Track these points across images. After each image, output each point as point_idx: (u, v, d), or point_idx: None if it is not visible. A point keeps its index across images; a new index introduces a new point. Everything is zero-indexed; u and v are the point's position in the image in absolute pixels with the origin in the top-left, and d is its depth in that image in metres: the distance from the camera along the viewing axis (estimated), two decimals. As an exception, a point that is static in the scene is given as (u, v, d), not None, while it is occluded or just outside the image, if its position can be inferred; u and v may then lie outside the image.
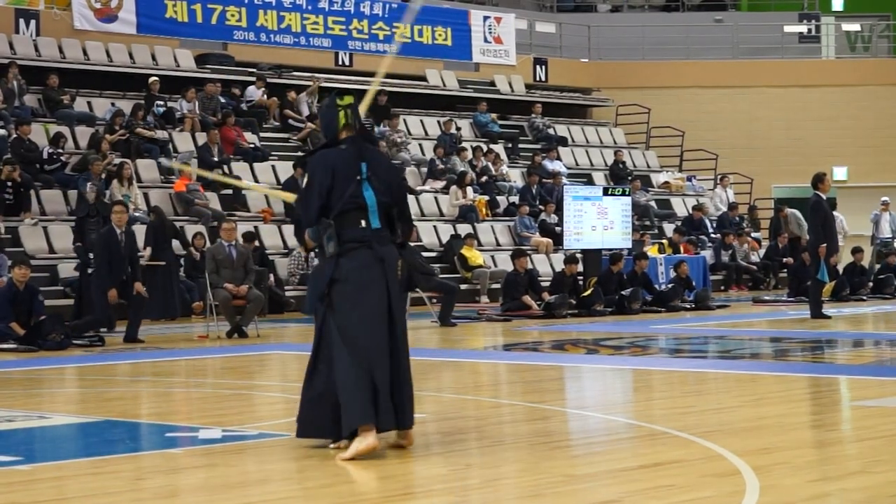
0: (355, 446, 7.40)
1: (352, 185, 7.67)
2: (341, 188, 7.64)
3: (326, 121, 8.00)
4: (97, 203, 19.72)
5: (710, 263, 27.05)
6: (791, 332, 17.38)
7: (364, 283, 7.59)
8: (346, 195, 7.64)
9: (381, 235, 7.71)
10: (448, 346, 16.09)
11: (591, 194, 23.31)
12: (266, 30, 29.32)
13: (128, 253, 16.44)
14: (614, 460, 7.48)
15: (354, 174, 7.69)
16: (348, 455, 7.38)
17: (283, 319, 20.68)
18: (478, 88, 32.73)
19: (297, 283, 22.15)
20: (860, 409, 9.52)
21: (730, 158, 34.17)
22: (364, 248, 7.64)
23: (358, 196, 7.66)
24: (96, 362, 14.17)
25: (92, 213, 19.42)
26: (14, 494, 6.62)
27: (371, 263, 7.62)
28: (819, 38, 37.72)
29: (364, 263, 7.61)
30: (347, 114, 7.84)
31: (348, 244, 7.64)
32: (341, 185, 7.64)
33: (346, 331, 7.54)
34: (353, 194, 7.66)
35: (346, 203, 7.64)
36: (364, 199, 7.67)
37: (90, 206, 19.52)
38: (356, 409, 7.43)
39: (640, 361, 13.56)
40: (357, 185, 7.68)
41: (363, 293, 7.57)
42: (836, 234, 19.03)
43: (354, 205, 7.65)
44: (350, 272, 7.60)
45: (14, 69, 24.17)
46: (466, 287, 23.89)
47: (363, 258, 7.62)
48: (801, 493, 6.36)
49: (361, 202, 7.67)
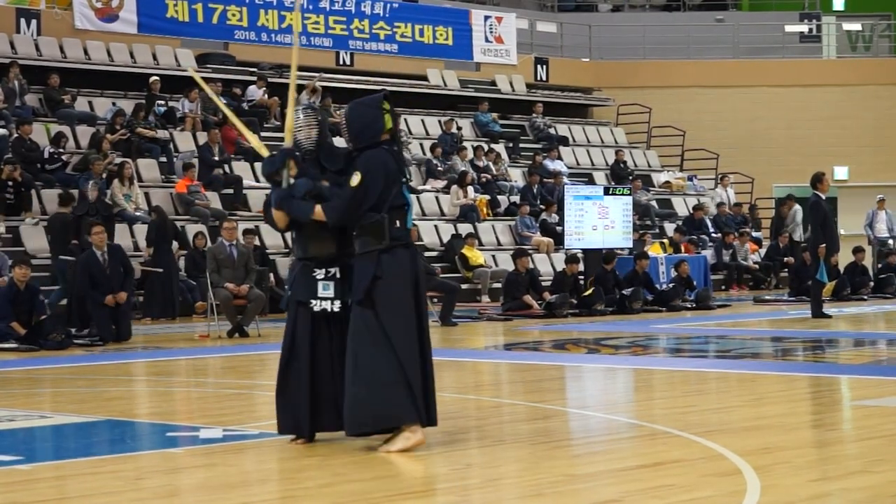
0: (403, 443, 7.65)
1: (397, 185, 7.85)
2: (390, 189, 7.81)
3: (368, 120, 7.96)
4: (98, 202, 19.71)
5: (711, 263, 27.04)
6: (792, 331, 17.38)
7: (400, 283, 7.75)
8: (391, 195, 7.81)
9: (410, 236, 7.96)
10: (449, 345, 16.09)
11: (591, 194, 23.31)
12: (267, 29, 29.32)
13: (114, 271, 16.46)
14: (615, 460, 7.48)
15: (400, 175, 7.90)
16: (395, 448, 7.64)
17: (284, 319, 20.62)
18: (479, 88, 32.73)
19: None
20: (861, 408, 9.51)
21: (731, 158, 34.15)
22: (402, 247, 7.83)
23: (400, 197, 7.86)
24: (97, 362, 14.17)
25: (91, 211, 19.42)
26: (15, 494, 6.62)
27: (409, 262, 7.82)
28: (820, 38, 37.71)
29: (403, 262, 7.80)
30: (392, 118, 7.97)
31: (392, 242, 7.78)
32: (391, 185, 7.82)
33: (388, 329, 7.69)
34: (399, 193, 7.85)
35: (393, 201, 7.81)
36: (406, 199, 7.90)
37: (90, 205, 19.52)
38: (401, 408, 7.64)
39: (640, 361, 13.55)
40: (401, 186, 7.88)
41: (404, 292, 7.75)
42: (835, 234, 18.99)
43: (397, 204, 7.82)
44: (390, 270, 7.74)
45: (15, 69, 24.17)
46: (467, 287, 23.89)
47: (402, 256, 7.81)
48: (802, 493, 6.36)
49: (403, 202, 7.86)
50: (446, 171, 27.91)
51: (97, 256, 16.47)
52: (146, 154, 24.29)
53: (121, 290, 16.41)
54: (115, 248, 16.90)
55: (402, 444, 7.65)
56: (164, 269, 19.91)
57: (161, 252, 20.16)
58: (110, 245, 16.81)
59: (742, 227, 29.62)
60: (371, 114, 7.95)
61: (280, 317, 20.94)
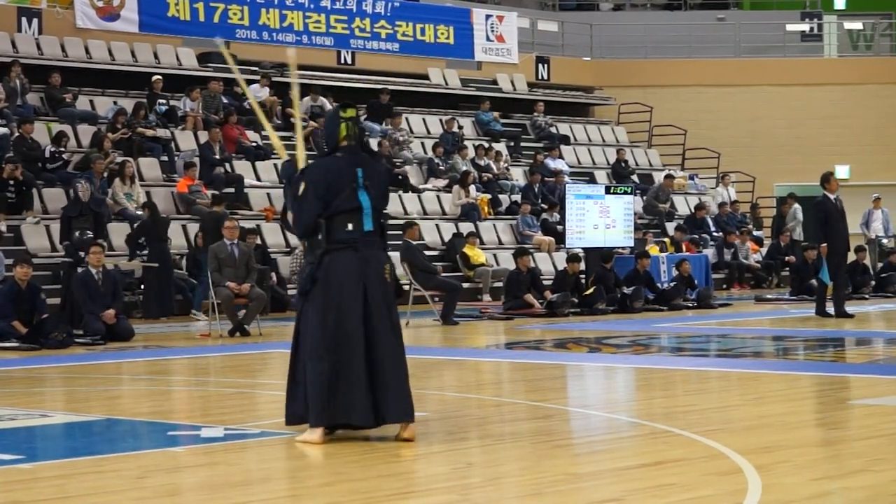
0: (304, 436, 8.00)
1: (346, 190, 8.04)
2: (336, 194, 8.03)
3: (329, 130, 8.34)
4: (90, 202, 19.70)
5: (713, 262, 27.04)
6: (793, 330, 17.38)
7: (342, 283, 7.97)
8: (339, 200, 8.02)
9: (369, 239, 8.08)
10: (450, 344, 16.10)
11: (593, 193, 23.31)
12: (268, 28, 29.32)
13: (109, 290, 16.58)
14: (616, 459, 7.48)
15: (350, 180, 8.07)
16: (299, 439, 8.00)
17: (284, 318, 20.65)
18: (480, 87, 32.72)
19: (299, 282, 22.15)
20: (862, 407, 9.51)
21: (732, 157, 34.16)
22: (349, 249, 8.03)
23: (352, 200, 8.04)
24: (98, 361, 14.18)
25: (84, 211, 19.42)
26: (16, 493, 6.63)
27: (352, 264, 8.01)
28: (821, 37, 37.71)
29: (345, 264, 8.00)
30: (349, 125, 8.20)
31: (334, 245, 8.04)
32: (336, 191, 8.03)
33: (319, 328, 7.97)
34: (346, 199, 8.03)
35: (338, 207, 8.02)
36: (359, 202, 8.05)
37: (82, 205, 19.51)
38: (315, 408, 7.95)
39: (641, 360, 13.55)
40: (352, 190, 8.05)
41: (338, 293, 7.96)
42: (841, 233, 18.88)
43: (346, 208, 8.03)
44: (330, 271, 8.00)
45: (16, 68, 24.17)
46: (468, 286, 23.88)
47: (345, 259, 8.01)
48: (803, 492, 6.36)
49: (356, 205, 8.04)
50: (448, 171, 27.91)
51: (93, 274, 16.64)
52: (147, 153, 24.29)
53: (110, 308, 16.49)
54: (109, 272, 17.04)
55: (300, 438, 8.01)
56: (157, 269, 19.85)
57: (155, 250, 20.13)
58: (106, 269, 16.94)
59: (742, 226, 29.63)
60: (331, 123, 8.30)
61: (281, 315, 20.97)
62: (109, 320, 16.38)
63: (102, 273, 16.74)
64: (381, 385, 7.96)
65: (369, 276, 8.01)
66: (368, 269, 8.02)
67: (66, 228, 19.47)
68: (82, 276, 16.85)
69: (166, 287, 20.16)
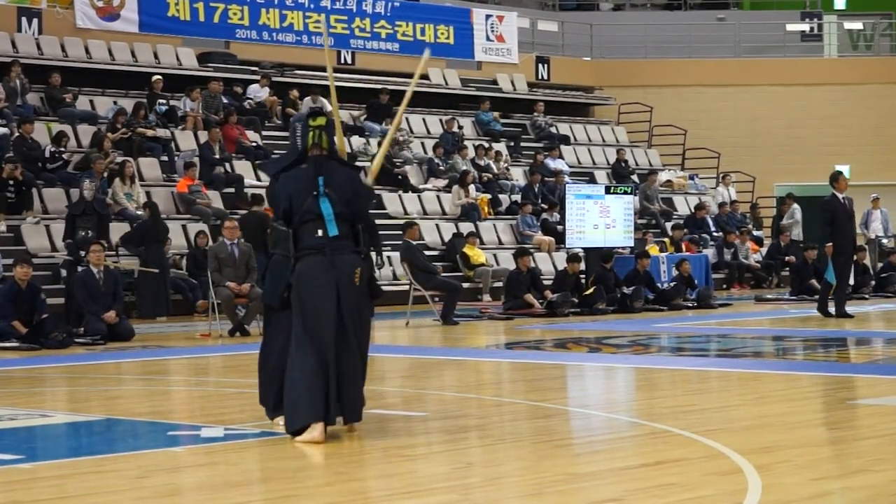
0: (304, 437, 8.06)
1: (308, 199, 8.35)
2: (299, 204, 8.36)
3: (300, 138, 8.66)
4: (94, 201, 19.71)
5: (713, 262, 27.04)
6: (793, 330, 17.38)
7: (313, 287, 8.25)
8: (302, 209, 8.34)
9: (337, 244, 8.33)
10: (450, 344, 16.10)
11: (593, 193, 23.31)
12: (268, 28, 29.32)
13: (110, 290, 16.59)
14: (616, 459, 7.48)
15: (311, 189, 8.37)
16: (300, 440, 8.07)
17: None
18: (480, 87, 32.72)
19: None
20: (862, 407, 9.51)
21: (732, 157, 34.16)
22: (318, 254, 8.30)
23: (315, 209, 8.33)
24: (98, 361, 14.18)
25: (88, 210, 19.44)
26: (16, 493, 6.63)
27: (321, 268, 8.28)
28: (821, 37, 37.71)
29: (315, 268, 8.28)
30: (316, 134, 8.48)
31: (304, 251, 8.34)
32: (299, 201, 8.36)
33: (298, 331, 8.24)
34: (308, 208, 8.34)
35: (303, 216, 8.35)
36: (320, 210, 8.33)
37: (86, 204, 19.53)
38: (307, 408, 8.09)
39: (642, 360, 13.55)
40: (314, 199, 8.35)
41: (312, 296, 8.24)
42: (848, 234, 18.78)
43: (311, 216, 8.34)
44: (302, 276, 8.30)
45: (16, 68, 24.17)
46: (468, 286, 23.88)
47: (314, 263, 8.29)
48: (803, 492, 6.36)
49: (318, 213, 8.33)
50: (448, 171, 27.91)
51: (94, 274, 16.63)
52: (147, 153, 24.29)
53: (111, 309, 16.48)
54: (110, 271, 17.01)
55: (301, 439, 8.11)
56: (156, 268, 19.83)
57: (153, 251, 20.11)
58: (107, 268, 16.92)
59: (742, 226, 29.63)
60: (301, 132, 8.61)
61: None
62: (111, 321, 16.38)
63: (104, 272, 16.74)
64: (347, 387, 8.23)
65: (340, 279, 8.25)
66: (338, 273, 8.26)
67: (69, 227, 19.49)
68: (83, 275, 16.85)
69: (162, 287, 20.14)
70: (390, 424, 8.86)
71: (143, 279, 20.01)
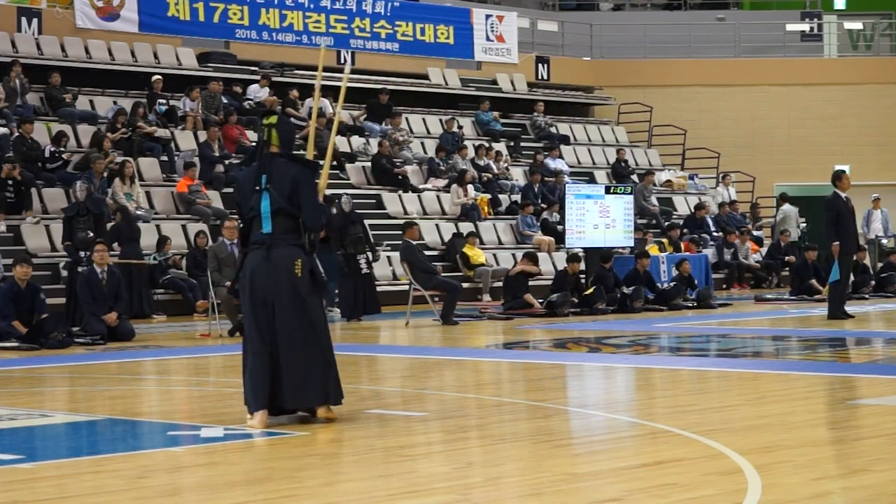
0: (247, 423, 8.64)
1: (254, 195, 8.85)
2: (246, 200, 8.91)
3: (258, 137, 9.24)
4: (87, 201, 19.70)
5: (712, 262, 27.05)
6: (793, 330, 17.37)
7: (254, 280, 8.78)
8: (249, 205, 8.88)
9: (276, 238, 8.79)
10: (450, 344, 16.10)
11: (592, 193, 23.31)
12: (268, 28, 29.33)
13: (112, 291, 16.57)
14: (616, 459, 7.48)
15: (255, 186, 8.87)
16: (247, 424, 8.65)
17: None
18: (480, 87, 32.73)
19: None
20: (862, 407, 9.51)
21: (732, 157, 34.17)
22: (259, 248, 8.82)
23: (256, 205, 8.84)
24: (98, 360, 14.17)
25: (82, 211, 19.42)
26: (16, 493, 6.62)
27: (260, 262, 8.78)
28: (821, 37, 37.72)
29: (255, 262, 8.81)
30: (266, 132, 8.96)
31: (251, 245, 8.91)
32: (247, 197, 8.91)
33: (246, 323, 8.92)
34: (252, 204, 8.86)
35: (250, 212, 8.88)
36: (259, 207, 8.82)
37: (80, 205, 19.52)
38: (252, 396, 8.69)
39: (641, 360, 13.55)
40: (257, 195, 8.84)
41: (251, 287, 8.78)
42: (852, 233, 18.63)
43: (255, 212, 8.86)
44: (246, 269, 8.87)
45: (17, 68, 24.17)
46: (468, 285, 23.89)
47: (255, 257, 8.83)
48: (803, 492, 6.36)
49: (258, 209, 8.83)
50: (448, 170, 27.91)
51: (97, 273, 16.62)
52: (147, 153, 24.29)
53: (113, 310, 16.47)
54: (113, 272, 17.00)
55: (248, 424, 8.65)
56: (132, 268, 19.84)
57: (129, 251, 20.10)
58: (110, 268, 16.91)
59: (742, 226, 29.64)
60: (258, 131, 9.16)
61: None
62: (111, 323, 16.37)
63: (107, 273, 16.71)
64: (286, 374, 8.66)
65: (277, 272, 8.72)
66: (275, 266, 8.73)
67: (67, 229, 19.49)
68: (86, 275, 16.83)
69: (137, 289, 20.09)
70: (390, 424, 8.86)
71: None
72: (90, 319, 16.37)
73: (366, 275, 19.99)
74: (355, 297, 19.72)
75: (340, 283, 19.87)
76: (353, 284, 19.70)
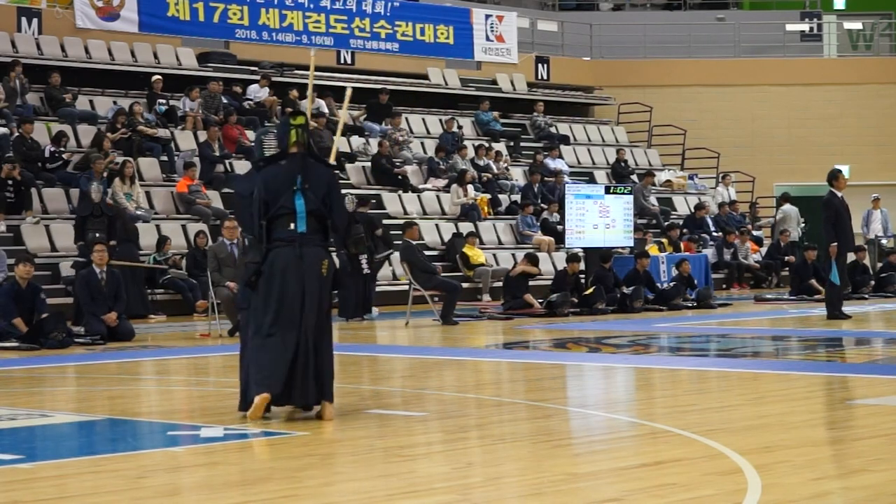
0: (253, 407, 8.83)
1: (286, 194, 8.89)
2: (276, 198, 8.90)
3: (279, 135, 9.16)
4: (102, 202, 19.74)
5: (712, 262, 27.04)
6: (793, 330, 17.37)
7: (283, 274, 8.83)
8: (279, 203, 8.88)
9: (307, 238, 8.91)
10: (450, 344, 16.10)
11: (592, 193, 23.31)
12: (268, 28, 29.33)
13: (112, 291, 16.56)
14: (616, 459, 7.48)
15: (290, 185, 8.91)
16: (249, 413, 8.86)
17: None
18: (480, 87, 32.72)
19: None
20: (862, 407, 9.51)
21: (732, 157, 34.17)
22: (288, 246, 8.87)
23: (289, 204, 8.88)
24: (98, 360, 14.18)
25: (96, 212, 19.46)
26: (16, 493, 6.63)
27: (291, 259, 8.85)
28: (821, 37, 37.72)
29: (285, 258, 8.86)
30: (298, 132, 8.99)
31: (277, 242, 8.91)
32: (276, 195, 8.90)
33: (263, 313, 8.86)
34: (284, 203, 8.88)
35: (278, 210, 8.89)
36: (294, 206, 8.88)
37: (94, 206, 19.56)
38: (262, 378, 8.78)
39: (641, 360, 13.55)
40: (291, 194, 8.89)
41: (283, 282, 8.82)
42: (850, 233, 18.59)
43: (286, 211, 8.89)
44: (273, 265, 8.87)
45: (17, 68, 24.17)
46: (468, 285, 23.89)
47: (287, 254, 8.87)
48: (803, 492, 6.36)
49: (292, 208, 8.88)
50: (447, 170, 27.91)
51: (96, 274, 16.61)
52: (147, 153, 24.29)
53: (112, 310, 16.47)
54: (113, 272, 16.99)
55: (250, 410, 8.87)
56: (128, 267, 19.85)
57: (124, 252, 20.11)
58: (110, 269, 16.90)
59: (742, 226, 29.64)
60: (282, 130, 9.11)
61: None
62: (111, 323, 16.37)
63: (107, 273, 16.70)
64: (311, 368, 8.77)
65: (307, 270, 8.82)
66: (305, 265, 8.83)
67: (80, 229, 19.50)
68: (85, 275, 16.83)
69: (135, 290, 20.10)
70: (390, 424, 8.86)
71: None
72: (90, 319, 16.37)
73: (367, 275, 20.04)
74: (350, 297, 19.75)
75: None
76: (355, 285, 19.74)
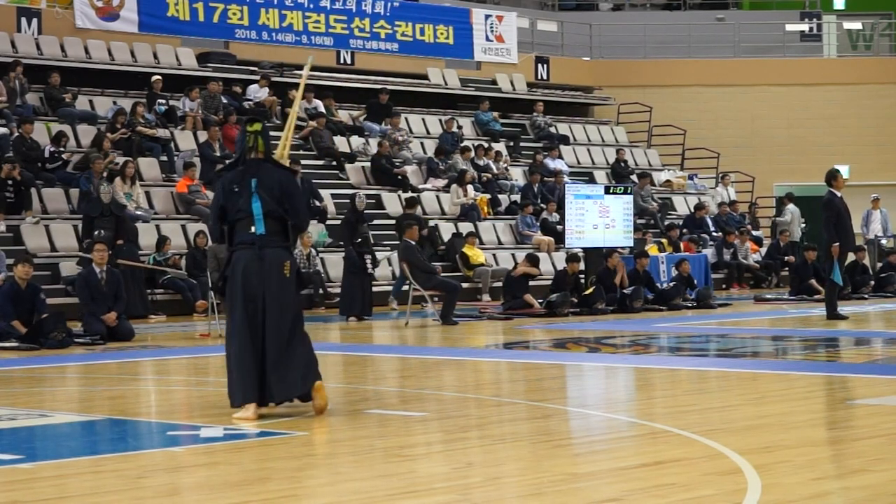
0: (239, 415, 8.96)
1: (243, 198, 9.18)
2: (234, 202, 9.20)
3: (238, 142, 9.55)
4: (112, 203, 19.80)
5: (712, 262, 27.05)
6: (792, 330, 17.37)
7: (244, 277, 9.09)
8: (237, 207, 9.18)
9: (266, 239, 9.17)
10: (449, 344, 16.10)
11: (592, 193, 23.31)
12: (268, 28, 29.33)
13: (112, 291, 16.54)
14: (616, 459, 7.48)
15: (246, 189, 9.21)
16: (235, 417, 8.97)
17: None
18: (479, 87, 32.72)
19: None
20: (861, 407, 9.51)
21: (731, 157, 34.17)
22: (249, 248, 9.15)
23: (247, 207, 9.17)
24: (98, 360, 14.17)
25: (105, 212, 19.50)
26: (15, 493, 6.63)
27: (252, 261, 9.12)
28: (820, 37, 37.71)
29: (247, 261, 9.13)
30: (252, 138, 9.33)
31: (238, 245, 9.21)
32: (234, 199, 9.21)
33: (231, 319, 9.15)
34: (241, 206, 9.18)
35: (237, 214, 9.20)
36: (252, 209, 9.16)
37: (104, 206, 19.63)
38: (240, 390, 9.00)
39: (641, 360, 13.55)
40: (248, 198, 9.18)
41: (242, 286, 9.08)
42: (850, 232, 18.56)
43: (244, 214, 9.18)
44: (236, 268, 9.15)
45: (17, 68, 24.17)
46: (468, 285, 23.89)
47: (247, 256, 9.15)
48: (803, 492, 6.36)
49: (250, 211, 9.16)
50: (447, 170, 27.90)
51: (96, 273, 16.59)
52: (147, 153, 24.29)
53: (112, 310, 16.45)
54: (113, 271, 16.98)
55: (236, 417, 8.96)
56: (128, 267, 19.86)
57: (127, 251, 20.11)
58: (110, 268, 16.89)
59: (742, 226, 29.64)
60: (240, 137, 9.48)
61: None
62: (110, 323, 16.36)
63: (106, 273, 16.70)
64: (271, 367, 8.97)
65: (267, 271, 9.09)
66: (266, 266, 9.10)
67: (87, 228, 19.50)
68: (85, 274, 16.81)
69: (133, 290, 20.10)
70: (390, 424, 8.86)
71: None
72: (89, 319, 16.36)
73: (369, 275, 20.11)
74: (356, 295, 19.77)
75: (346, 279, 19.98)
76: (360, 283, 19.82)
